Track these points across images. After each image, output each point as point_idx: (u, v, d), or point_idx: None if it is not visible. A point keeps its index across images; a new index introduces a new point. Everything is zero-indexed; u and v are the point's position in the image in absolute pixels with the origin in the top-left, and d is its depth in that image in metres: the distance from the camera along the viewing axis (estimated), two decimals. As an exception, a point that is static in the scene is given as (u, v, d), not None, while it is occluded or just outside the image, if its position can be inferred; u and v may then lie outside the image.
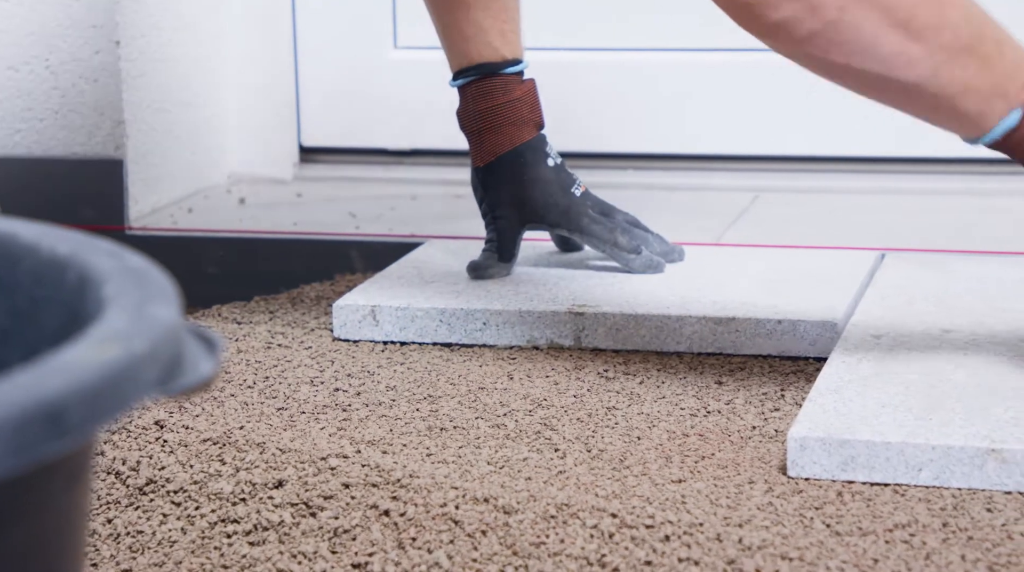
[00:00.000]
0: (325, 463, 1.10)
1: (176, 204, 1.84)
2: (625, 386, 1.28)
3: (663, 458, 1.14)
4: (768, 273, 1.47)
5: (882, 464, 1.08)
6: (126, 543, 1.08)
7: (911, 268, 1.49)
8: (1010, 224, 1.66)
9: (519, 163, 1.44)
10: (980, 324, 1.32)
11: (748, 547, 0.99)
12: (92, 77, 1.76)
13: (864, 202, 1.78)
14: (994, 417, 1.11)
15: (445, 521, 1.04)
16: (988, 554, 0.99)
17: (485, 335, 1.38)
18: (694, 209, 1.76)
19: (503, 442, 1.18)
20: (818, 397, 1.16)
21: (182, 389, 0.60)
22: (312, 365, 1.35)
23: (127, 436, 1.17)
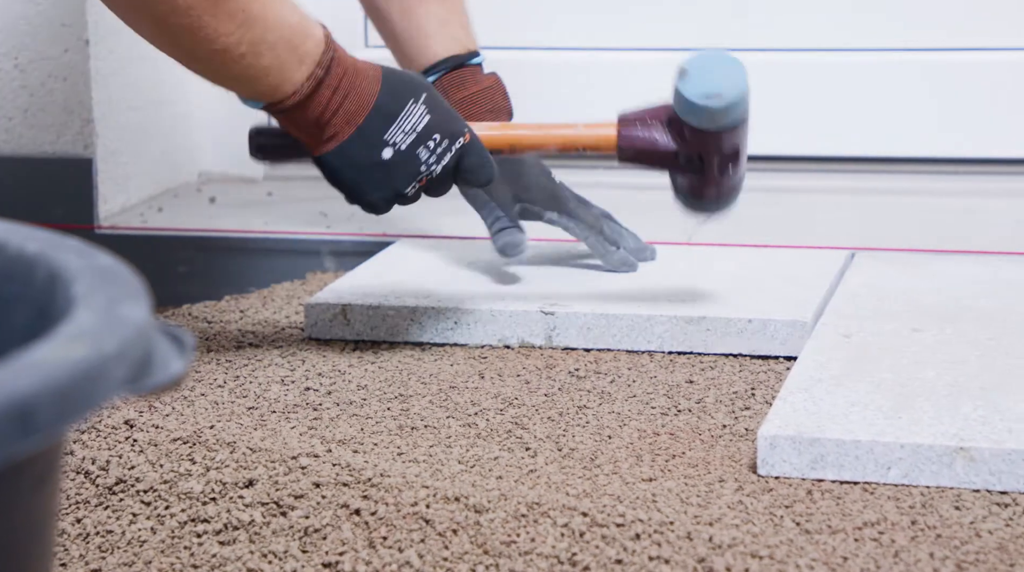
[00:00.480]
0: (296, 462, 1.10)
1: (146, 203, 1.84)
2: (596, 385, 1.28)
3: (634, 457, 1.14)
4: (739, 272, 1.47)
5: (852, 462, 1.08)
6: (95, 543, 1.08)
7: (881, 267, 1.49)
8: (979, 223, 1.67)
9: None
10: (949, 323, 1.32)
11: (718, 545, 0.99)
12: (61, 75, 1.75)
13: (834, 201, 1.78)
14: (963, 416, 1.12)
15: (416, 520, 1.04)
16: (956, 552, 0.99)
17: (456, 334, 1.39)
18: (666, 208, 1.76)
19: (474, 441, 1.18)
20: (788, 396, 1.16)
21: (152, 388, 0.60)
22: (283, 364, 1.35)
23: (97, 435, 1.17)
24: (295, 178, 1.94)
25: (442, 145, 1.25)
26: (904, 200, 1.78)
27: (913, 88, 1.85)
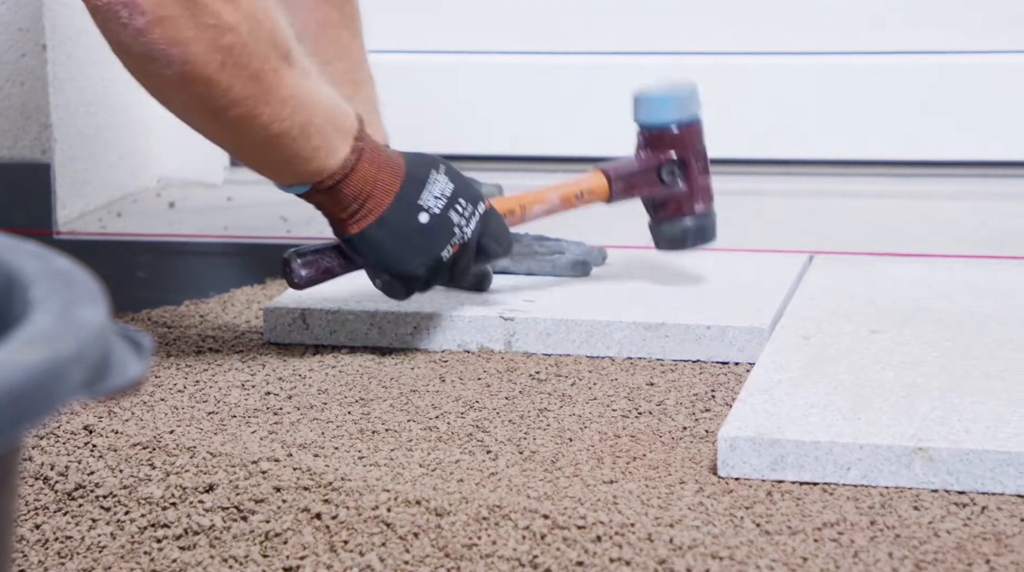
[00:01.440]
0: (256, 467, 1.10)
1: (105, 208, 1.83)
2: (557, 388, 1.28)
3: (595, 459, 1.14)
4: (698, 277, 1.48)
5: (811, 463, 1.09)
6: (55, 549, 1.08)
7: (839, 270, 1.50)
8: (936, 226, 1.68)
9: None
10: (907, 324, 1.33)
11: (679, 547, 0.99)
12: (19, 80, 1.74)
13: (792, 204, 1.79)
14: (921, 416, 1.12)
15: (377, 524, 1.04)
16: (915, 551, 1.00)
17: (416, 339, 1.38)
18: (625, 211, 1.77)
19: (435, 444, 1.18)
20: (748, 397, 1.17)
21: (110, 391, 0.60)
22: (243, 369, 1.35)
23: (55, 441, 1.16)
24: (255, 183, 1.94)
25: (468, 209, 1.30)
26: (862, 203, 1.79)
27: (869, 91, 1.86)
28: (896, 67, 1.86)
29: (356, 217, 1.28)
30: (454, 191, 1.30)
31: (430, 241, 1.29)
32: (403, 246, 1.28)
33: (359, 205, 1.27)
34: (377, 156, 1.27)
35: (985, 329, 1.31)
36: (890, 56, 1.86)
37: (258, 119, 1.19)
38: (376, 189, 1.27)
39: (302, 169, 1.24)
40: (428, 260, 1.29)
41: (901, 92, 1.85)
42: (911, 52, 1.86)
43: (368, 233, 1.28)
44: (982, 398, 1.15)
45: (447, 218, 1.29)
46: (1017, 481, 1.06)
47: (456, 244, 1.30)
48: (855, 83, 1.86)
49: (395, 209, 1.28)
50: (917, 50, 1.86)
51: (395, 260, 1.29)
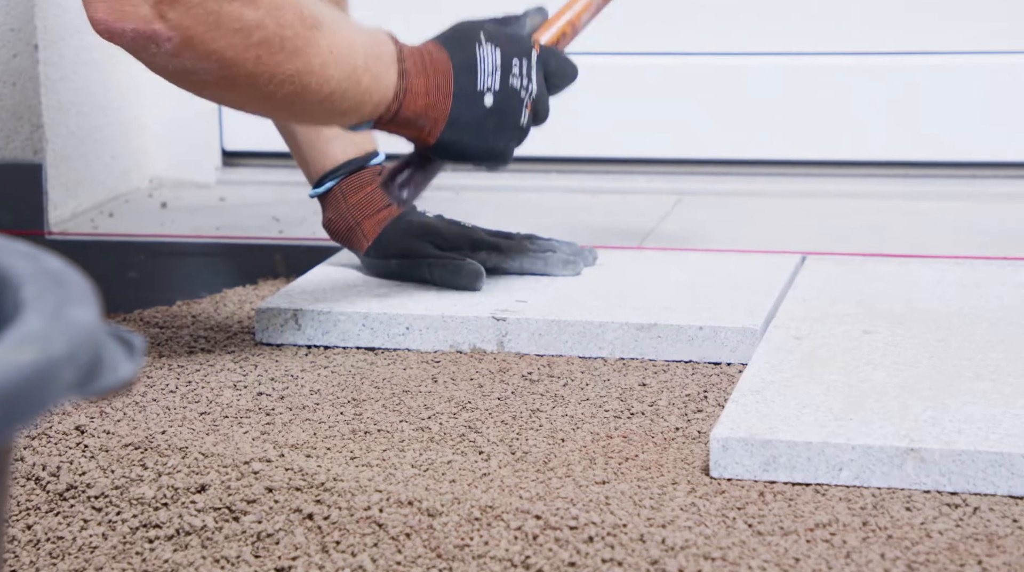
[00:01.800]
0: (248, 467, 1.10)
1: (97, 208, 1.83)
2: (549, 389, 1.28)
3: (587, 460, 1.14)
4: (690, 278, 1.48)
5: (803, 464, 1.09)
6: (46, 549, 1.07)
7: (832, 270, 1.50)
8: (927, 227, 1.68)
9: (407, 224, 1.46)
10: (899, 325, 1.33)
11: (671, 548, 0.99)
12: (10, 81, 1.74)
13: (785, 205, 1.79)
14: (913, 417, 1.12)
15: (369, 524, 1.04)
16: (907, 552, 1.00)
17: (408, 340, 1.38)
18: (618, 212, 1.77)
19: (427, 445, 1.18)
20: (740, 398, 1.17)
21: (101, 391, 0.60)
22: (235, 369, 1.35)
23: (47, 441, 1.16)
24: (247, 183, 1.94)
25: (524, 66, 1.30)
26: (854, 204, 1.79)
27: (862, 92, 1.87)
28: (888, 68, 1.86)
29: (426, 130, 1.28)
30: (503, 56, 1.29)
31: (504, 118, 1.29)
32: (482, 136, 1.29)
33: (425, 118, 1.27)
34: (422, 65, 1.27)
35: (977, 330, 1.32)
36: (882, 57, 1.86)
37: (308, 89, 1.19)
38: (434, 97, 1.27)
39: (363, 112, 1.25)
40: (511, 134, 1.30)
41: (894, 93, 1.86)
42: (902, 53, 1.86)
43: (444, 139, 1.28)
44: (974, 399, 1.16)
45: (510, 89, 1.29)
46: (1009, 482, 1.06)
47: (528, 104, 1.30)
48: (848, 84, 1.87)
49: (458, 107, 1.27)
50: (909, 51, 1.86)
51: (482, 151, 1.29)
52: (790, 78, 1.88)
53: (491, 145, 1.29)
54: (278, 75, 1.18)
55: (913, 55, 1.86)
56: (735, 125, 1.89)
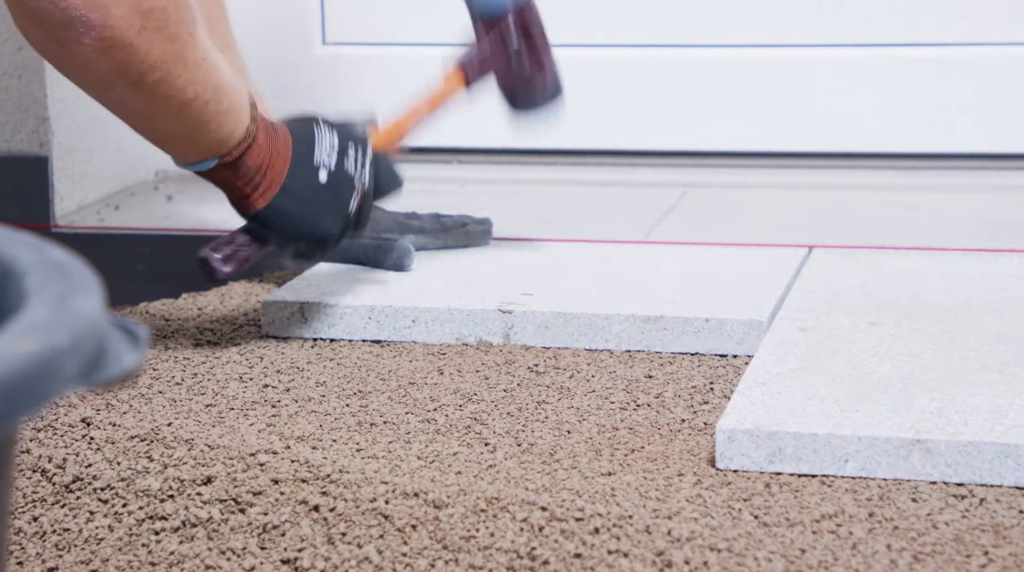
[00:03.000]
0: (254, 459, 1.10)
1: (103, 201, 1.83)
2: (555, 380, 1.28)
3: (593, 451, 1.14)
4: (696, 270, 1.48)
5: (809, 455, 1.09)
6: (52, 541, 1.08)
7: (838, 263, 1.50)
8: (933, 219, 1.68)
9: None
10: (905, 317, 1.33)
11: (677, 539, 0.99)
12: (16, 73, 1.74)
13: (791, 197, 1.79)
14: (919, 408, 1.12)
15: (375, 516, 1.04)
16: (913, 543, 1.00)
17: (414, 333, 1.38)
18: (623, 205, 1.77)
19: (433, 437, 1.18)
20: (746, 390, 1.17)
21: (105, 381, 0.60)
22: (241, 361, 1.35)
23: (53, 433, 1.16)
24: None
25: (359, 153, 1.31)
26: (860, 196, 1.79)
27: (869, 84, 1.86)
28: (895, 60, 1.86)
29: (260, 189, 1.27)
30: (341, 140, 1.30)
31: (335, 197, 1.29)
32: (311, 210, 1.28)
33: (262, 176, 1.27)
34: (267, 125, 1.28)
35: (983, 322, 1.31)
36: (888, 49, 1.86)
37: (176, 82, 1.18)
38: (274, 158, 1.27)
39: (214, 137, 1.23)
40: (339, 217, 1.30)
41: (900, 85, 1.85)
42: (908, 45, 1.86)
43: (275, 205, 1.28)
44: (980, 390, 1.15)
45: (344, 170, 1.29)
46: (1015, 473, 1.06)
47: (359, 193, 1.30)
48: (855, 76, 1.86)
49: (294, 174, 1.27)
50: (914, 43, 1.86)
51: (307, 225, 1.29)
52: (797, 70, 1.88)
53: (319, 221, 1.29)
54: (153, 54, 1.16)
55: (920, 47, 1.85)
56: (741, 117, 1.88)
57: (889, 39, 1.86)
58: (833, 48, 1.87)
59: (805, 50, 1.87)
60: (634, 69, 1.91)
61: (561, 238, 1.60)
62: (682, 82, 1.89)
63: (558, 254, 1.54)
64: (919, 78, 1.85)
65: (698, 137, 1.90)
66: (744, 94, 1.89)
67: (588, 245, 1.57)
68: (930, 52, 1.85)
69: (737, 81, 1.89)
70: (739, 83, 1.89)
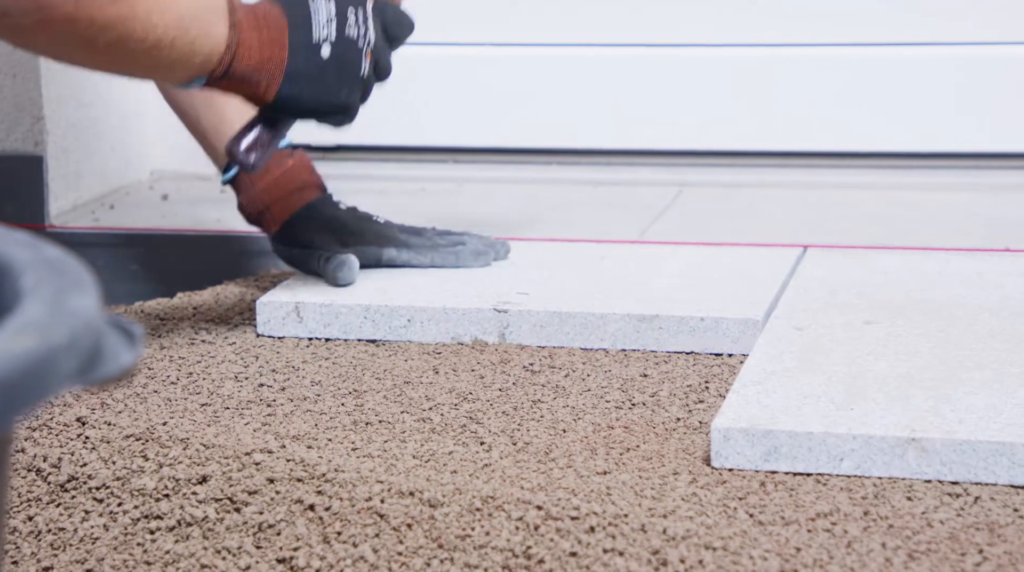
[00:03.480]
0: (249, 458, 1.10)
1: (98, 201, 1.83)
2: (550, 379, 1.28)
3: (588, 450, 1.14)
4: (692, 269, 1.48)
5: (804, 454, 1.09)
6: (47, 540, 1.07)
7: (833, 262, 1.50)
8: (928, 218, 1.68)
9: (315, 213, 1.45)
10: (901, 315, 1.33)
11: (672, 537, 0.99)
12: (11, 72, 1.74)
13: (786, 196, 1.79)
14: (914, 407, 1.12)
15: (370, 515, 1.04)
16: (908, 542, 1.00)
17: (409, 332, 1.38)
18: (619, 204, 1.77)
19: (429, 436, 1.18)
20: (741, 388, 1.17)
21: (101, 379, 0.60)
22: (236, 360, 1.35)
23: (48, 433, 1.16)
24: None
25: (360, 15, 1.28)
26: (855, 195, 1.79)
27: (864, 83, 1.86)
28: (891, 59, 1.86)
29: (263, 85, 1.25)
30: (338, 7, 1.27)
31: (344, 69, 1.27)
32: (323, 88, 1.27)
33: (260, 73, 1.25)
34: (255, 18, 1.25)
35: (978, 320, 1.31)
36: (884, 48, 1.86)
37: (132, 35, 1.17)
38: (271, 51, 1.25)
39: (191, 63, 1.22)
40: (353, 85, 1.28)
41: (895, 84, 1.85)
42: (905, 44, 1.86)
43: (284, 94, 1.26)
44: (975, 389, 1.15)
45: (346, 38, 1.27)
46: (1010, 471, 1.06)
47: (368, 53, 1.28)
48: (848, 75, 1.86)
49: (295, 59, 1.25)
50: (912, 42, 1.86)
51: (323, 103, 1.27)
52: (792, 69, 1.88)
53: (333, 97, 1.27)
54: (99, 19, 1.15)
55: (916, 46, 1.85)
56: (737, 116, 1.88)
57: (884, 38, 1.86)
58: (829, 47, 1.87)
59: (800, 49, 1.88)
60: (630, 68, 1.91)
61: (556, 237, 1.60)
62: (678, 81, 1.89)
63: (553, 253, 1.54)
64: (914, 77, 1.85)
65: (694, 136, 1.90)
66: (740, 93, 1.89)
67: (583, 244, 1.57)
68: (925, 51, 1.85)
69: (733, 80, 1.89)
70: (735, 82, 1.89)
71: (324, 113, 1.28)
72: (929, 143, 1.86)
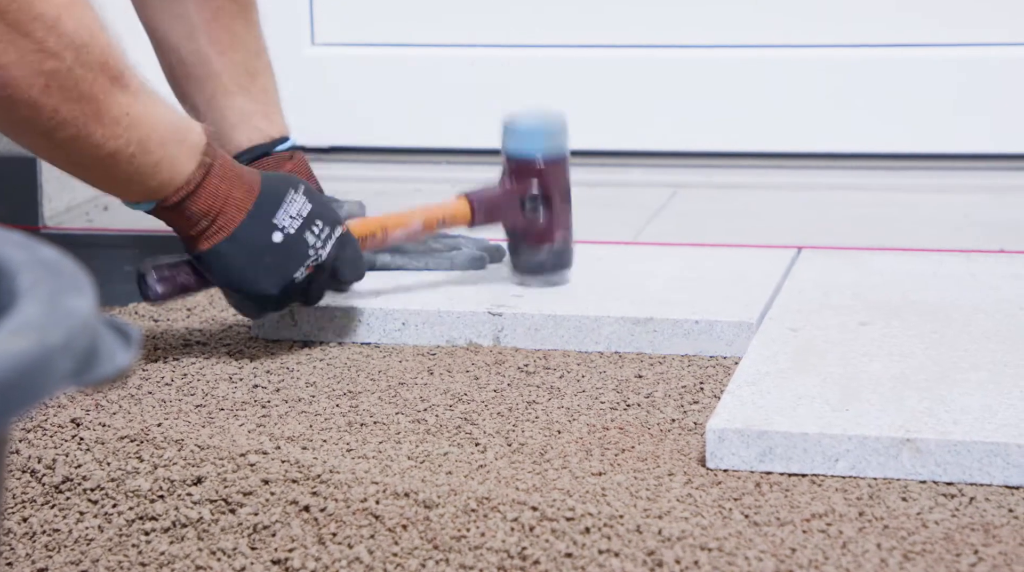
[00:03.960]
0: (244, 459, 1.10)
1: (91, 202, 1.82)
2: (545, 380, 1.28)
3: (583, 451, 1.14)
4: (686, 271, 1.48)
5: (799, 455, 1.09)
6: (42, 542, 1.07)
7: (827, 263, 1.50)
8: (921, 219, 1.68)
9: None
10: (895, 317, 1.33)
11: (668, 538, 0.99)
12: (5, 74, 1.73)
13: (781, 198, 1.79)
14: (909, 407, 1.12)
15: (365, 516, 1.04)
16: (903, 542, 1.00)
17: (404, 335, 1.38)
18: (613, 205, 1.77)
19: (423, 437, 1.18)
20: (736, 389, 1.17)
21: (98, 380, 0.59)
22: (231, 362, 1.35)
23: (43, 434, 1.16)
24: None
25: (325, 231, 1.29)
26: (849, 197, 1.79)
27: (859, 84, 1.87)
28: (885, 60, 1.86)
29: (206, 234, 1.25)
30: (311, 212, 1.28)
31: (283, 262, 1.27)
32: (255, 266, 1.26)
33: (209, 222, 1.25)
34: (229, 172, 1.25)
35: (972, 321, 1.32)
36: (878, 49, 1.86)
37: (91, 138, 1.16)
38: (228, 206, 1.25)
39: (146, 185, 1.22)
40: (281, 281, 1.27)
41: (890, 85, 1.86)
42: (899, 45, 1.86)
43: (219, 250, 1.26)
44: (970, 389, 1.16)
45: (302, 239, 1.27)
46: (1005, 472, 1.06)
47: (311, 265, 1.28)
48: (845, 76, 1.87)
49: (247, 227, 1.25)
50: (905, 43, 1.86)
51: (246, 279, 1.27)
52: (786, 71, 1.88)
53: (259, 279, 1.27)
54: (62, 112, 1.14)
55: (909, 47, 1.86)
56: (731, 118, 1.89)
57: (878, 40, 1.86)
58: (822, 48, 1.87)
59: (794, 50, 1.88)
60: (624, 70, 1.91)
61: (551, 239, 1.59)
62: (672, 82, 1.89)
63: (548, 254, 1.54)
64: (908, 78, 1.85)
65: (688, 137, 1.90)
66: (734, 95, 1.89)
67: (578, 246, 1.57)
68: (919, 52, 1.85)
69: (727, 82, 1.89)
70: (729, 84, 1.89)
71: (240, 289, 1.28)
72: (924, 144, 1.86)
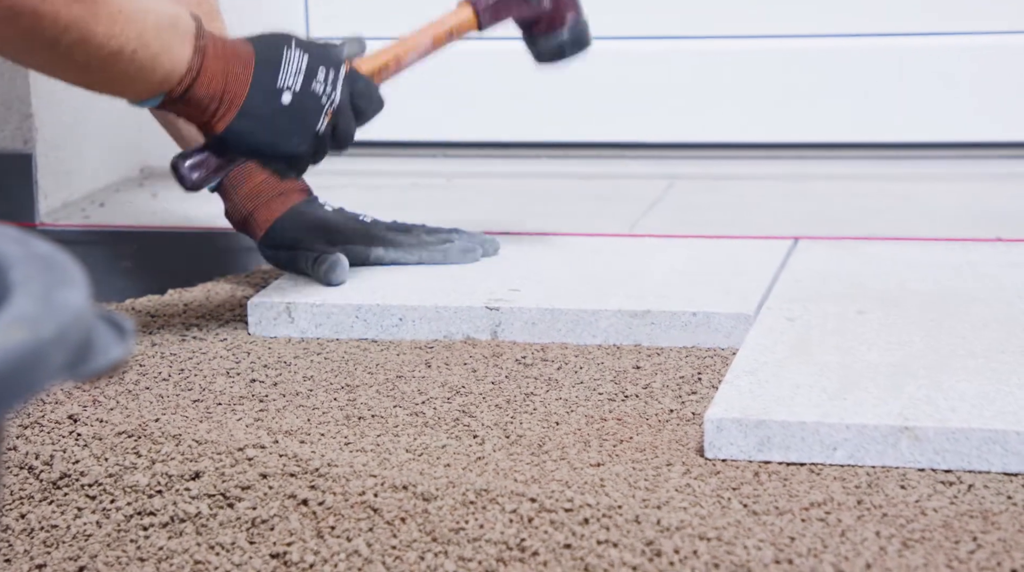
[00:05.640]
0: (242, 453, 1.09)
1: (88, 198, 1.82)
2: (543, 372, 1.28)
3: (581, 442, 1.14)
4: (683, 263, 1.47)
5: (798, 444, 1.09)
6: (40, 538, 1.07)
7: (824, 253, 1.50)
8: (917, 208, 1.68)
9: (299, 215, 1.46)
10: (893, 305, 1.33)
11: (666, 528, 0.99)
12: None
13: (777, 188, 1.79)
14: (907, 396, 1.12)
15: (364, 509, 1.04)
16: (902, 530, 1.00)
17: (401, 331, 1.38)
18: (609, 197, 1.77)
19: (421, 430, 1.18)
20: (734, 379, 1.17)
21: (92, 373, 0.59)
22: (228, 357, 1.34)
23: (40, 430, 1.16)
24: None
25: (330, 75, 1.28)
26: (846, 186, 1.79)
27: (854, 74, 1.86)
28: (880, 49, 1.86)
29: (217, 115, 1.25)
30: (310, 62, 1.27)
31: (300, 119, 1.27)
32: (273, 131, 1.26)
33: (217, 103, 1.25)
34: (223, 49, 1.25)
35: (970, 309, 1.32)
36: (874, 39, 1.86)
37: (93, 39, 1.17)
38: (229, 83, 1.25)
39: (150, 80, 1.22)
40: (305, 137, 1.28)
41: (885, 75, 1.85)
42: (894, 34, 1.86)
43: (234, 127, 1.26)
44: (967, 377, 1.16)
45: (310, 92, 1.27)
46: (1003, 459, 1.06)
47: (328, 112, 1.28)
48: (839, 66, 1.86)
49: (254, 97, 1.26)
50: (900, 32, 1.86)
51: (269, 145, 1.27)
52: (782, 61, 1.88)
53: (281, 143, 1.27)
54: (62, 16, 1.14)
55: (904, 36, 1.86)
56: (727, 109, 1.88)
57: (875, 29, 1.86)
58: (819, 39, 1.87)
59: (790, 41, 1.88)
60: (620, 62, 1.91)
61: (547, 231, 1.60)
62: (668, 74, 1.89)
63: (544, 248, 1.54)
64: (904, 68, 1.85)
65: (684, 129, 1.90)
66: (729, 85, 1.89)
67: (574, 238, 1.57)
68: (915, 42, 1.85)
69: (723, 72, 1.89)
70: (725, 74, 1.89)
71: (269, 156, 1.28)
72: (921, 134, 1.86)
